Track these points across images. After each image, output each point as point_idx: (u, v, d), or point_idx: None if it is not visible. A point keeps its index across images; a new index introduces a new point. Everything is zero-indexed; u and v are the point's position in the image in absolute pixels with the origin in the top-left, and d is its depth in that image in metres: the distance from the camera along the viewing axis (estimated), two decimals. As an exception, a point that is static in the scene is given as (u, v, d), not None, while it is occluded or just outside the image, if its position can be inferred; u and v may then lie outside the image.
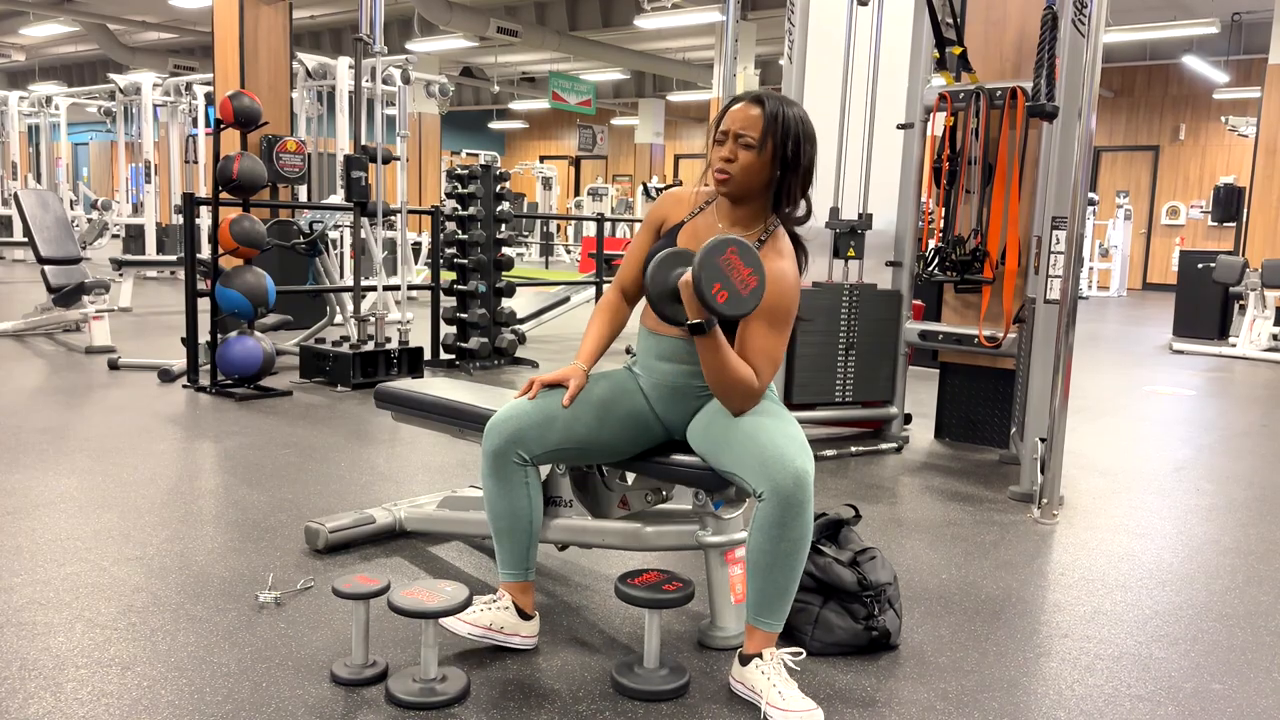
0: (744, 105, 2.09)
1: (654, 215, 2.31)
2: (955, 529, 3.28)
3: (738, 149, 2.07)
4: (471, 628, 2.15)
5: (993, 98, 4.13)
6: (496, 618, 2.18)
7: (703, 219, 2.21)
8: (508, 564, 2.22)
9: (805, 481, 1.95)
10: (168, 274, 12.57)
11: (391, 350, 5.64)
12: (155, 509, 3.18)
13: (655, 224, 2.30)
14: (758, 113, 2.06)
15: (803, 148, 2.09)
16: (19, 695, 1.96)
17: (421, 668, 2.00)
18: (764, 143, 2.06)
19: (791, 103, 2.10)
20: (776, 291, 2.07)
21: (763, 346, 2.08)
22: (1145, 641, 2.41)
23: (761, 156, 2.06)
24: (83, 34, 18.01)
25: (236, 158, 5.01)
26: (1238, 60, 14.67)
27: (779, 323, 2.09)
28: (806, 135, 2.10)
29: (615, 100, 22.42)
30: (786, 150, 2.07)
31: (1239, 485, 3.98)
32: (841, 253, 4.32)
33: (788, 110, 2.07)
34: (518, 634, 2.20)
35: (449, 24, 14.02)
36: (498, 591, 2.23)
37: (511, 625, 2.19)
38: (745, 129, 2.06)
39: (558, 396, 2.19)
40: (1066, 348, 3.44)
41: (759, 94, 2.09)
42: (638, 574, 2.11)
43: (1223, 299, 9.41)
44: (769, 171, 2.09)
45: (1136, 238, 16.52)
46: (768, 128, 2.05)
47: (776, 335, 2.09)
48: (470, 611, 2.17)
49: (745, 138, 2.06)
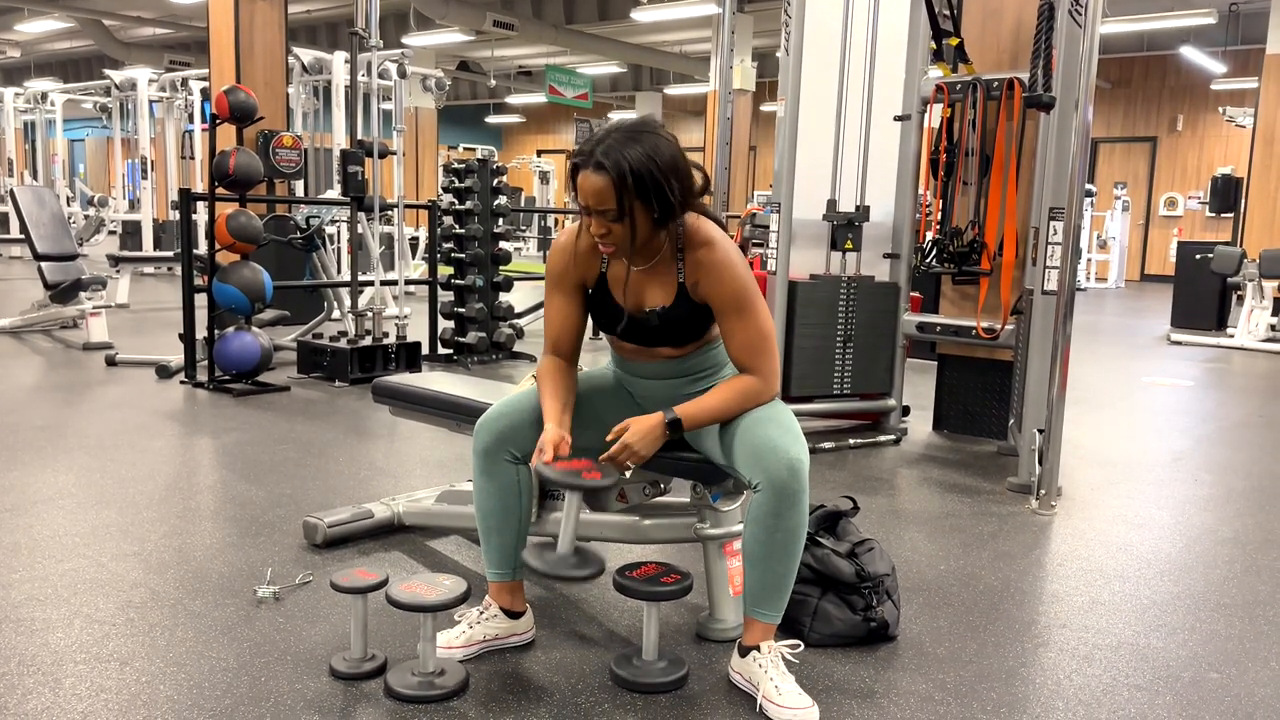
0: (587, 176, 1.93)
1: (562, 276, 2.16)
2: (953, 520, 3.28)
3: (605, 222, 1.96)
4: (467, 649, 2.14)
5: (990, 89, 4.12)
6: (488, 630, 2.17)
7: (615, 267, 2.12)
8: (497, 563, 2.20)
9: (800, 471, 1.95)
10: (165, 270, 12.54)
11: (389, 345, 5.64)
12: (153, 505, 3.18)
13: (569, 284, 2.16)
14: (604, 182, 1.91)
15: (662, 179, 1.93)
16: (18, 691, 1.96)
17: (420, 661, 2.00)
18: (624, 207, 1.93)
19: (631, 138, 1.93)
20: (727, 282, 2.02)
21: (748, 338, 2.05)
22: (1143, 631, 2.42)
23: (629, 217, 1.95)
24: (78, 30, 17.96)
25: (233, 153, 5.00)
26: (1235, 51, 14.65)
27: (746, 306, 2.04)
28: (666, 165, 1.93)
29: (612, 94, 22.38)
30: (649, 197, 1.93)
31: (1237, 475, 3.99)
32: (839, 245, 4.32)
33: (629, 157, 1.90)
34: (514, 634, 2.20)
35: (445, 18, 13.99)
36: (483, 600, 2.21)
37: (505, 630, 2.19)
38: (601, 203, 1.93)
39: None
40: (1064, 339, 3.44)
41: (596, 156, 1.92)
42: (636, 566, 2.11)
43: (1221, 290, 9.41)
44: (645, 219, 1.97)
45: (1134, 229, 16.51)
46: (620, 195, 1.91)
47: (753, 317, 2.05)
48: (459, 633, 2.15)
49: (606, 211, 1.94)
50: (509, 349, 6.42)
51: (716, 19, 14.13)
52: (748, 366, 2.07)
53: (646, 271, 2.10)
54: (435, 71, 13.48)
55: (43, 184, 14.77)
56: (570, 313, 2.19)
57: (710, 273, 2.03)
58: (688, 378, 2.19)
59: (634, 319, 2.12)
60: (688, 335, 2.13)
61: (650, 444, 2.04)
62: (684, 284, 2.07)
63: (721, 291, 2.03)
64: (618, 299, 2.13)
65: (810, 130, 4.25)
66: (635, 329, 2.14)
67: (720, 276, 2.03)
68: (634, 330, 2.14)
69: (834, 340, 4.34)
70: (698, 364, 2.18)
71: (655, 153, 1.93)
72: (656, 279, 2.09)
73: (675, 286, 2.07)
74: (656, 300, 2.10)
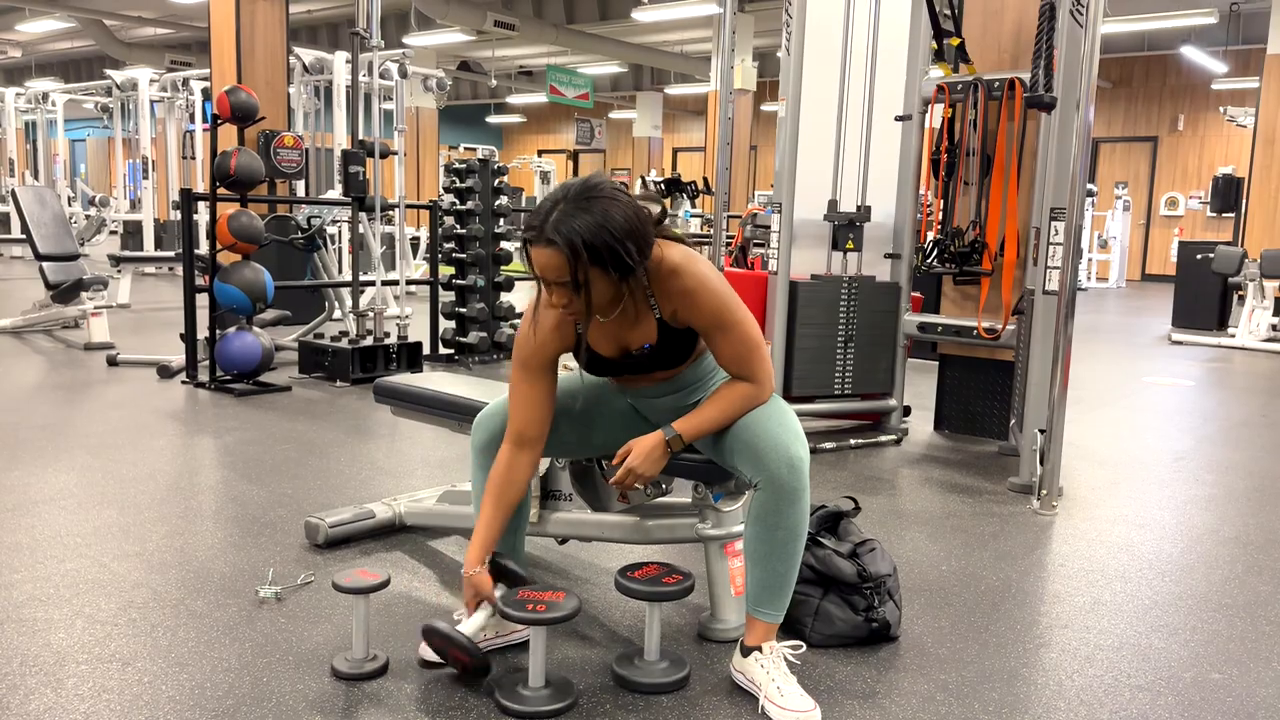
0: (539, 251, 1.86)
1: (529, 361, 2.06)
2: (955, 520, 3.28)
3: (565, 293, 1.89)
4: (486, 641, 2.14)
5: (991, 89, 4.12)
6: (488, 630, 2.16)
7: (593, 325, 2.05)
8: None
9: (800, 468, 1.95)
10: (166, 270, 12.55)
11: (390, 345, 5.64)
12: (155, 505, 3.18)
13: (538, 366, 2.06)
14: (557, 257, 1.84)
15: (616, 244, 1.84)
16: (19, 691, 1.96)
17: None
18: (579, 279, 1.86)
19: (580, 208, 1.84)
20: (704, 305, 1.98)
21: (736, 350, 2.02)
22: (1145, 632, 2.42)
23: (585, 288, 1.88)
24: (79, 30, 17.96)
25: (234, 153, 5.00)
26: (1236, 50, 14.64)
27: (728, 320, 2.00)
28: (613, 230, 1.84)
29: (613, 94, 22.38)
30: (605, 262, 1.85)
31: (1238, 475, 3.99)
32: (840, 245, 4.32)
33: (578, 229, 1.82)
34: (514, 630, 2.21)
35: (446, 18, 13.99)
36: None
37: (507, 626, 2.20)
38: (557, 277, 1.87)
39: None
40: (1065, 339, 3.44)
41: (546, 233, 1.84)
42: (638, 567, 2.11)
43: (1222, 289, 9.40)
44: (605, 282, 1.89)
45: (1135, 229, 16.51)
46: (574, 268, 1.84)
47: (738, 329, 2.01)
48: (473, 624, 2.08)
49: (563, 285, 1.88)
50: (510, 349, 6.42)
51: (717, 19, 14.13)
52: (741, 375, 2.05)
53: (620, 318, 2.03)
54: (436, 71, 13.47)
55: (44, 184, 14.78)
56: (537, 399, 2.07)
57: (684, 299, 1.99)
58: (685, 390, 2.18)
59: (624, 363, 2.10)
60: (679, 358, 2.11)
61: (653, 465, 2.04)
62: (662, 319, 2.02)
63: (700, 315, 2.00)
64: (603, 352, 2.09)
65: (811, 130, 4.25)
66: (627, 369, 2.12)
67: (695, 302, 1.98)
68: (626, 369, 2.13)
69: (835, 340, 4.34)
70: (692, 376, 2.17)
71: (606, 220, 1.84)
72: (634, 321, 2.04)
73: (654, 322, 2.03)
74: (640, 340, 2.06)
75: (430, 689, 2.01)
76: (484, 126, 25.80)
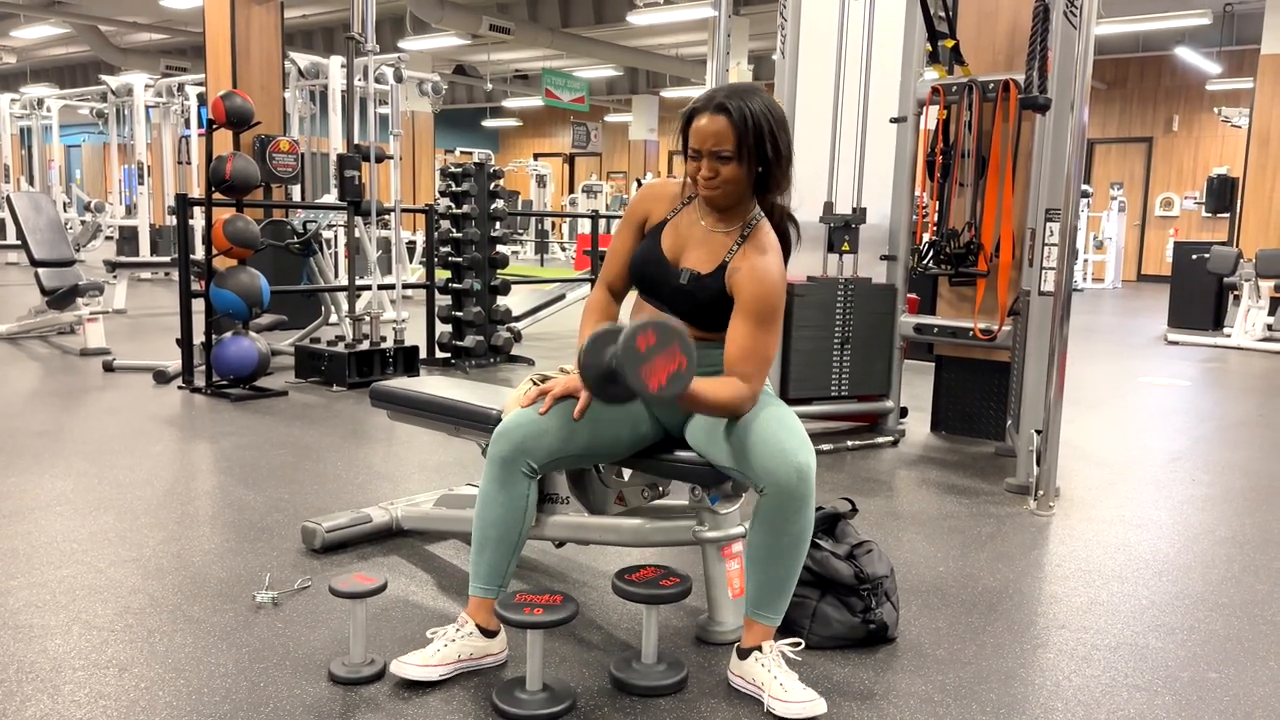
0: (708, 118, 2.00)
1: (636, 211, 2.25)
2: (952, 522, 3.28)
3: (716, 165, 2.02)
4: (442, 668, 2.03)
5: (985, 90, 4.13)
6: (463, 648, 2.07)
7: (685, 216, 2.18)
8: (484, 577, 2.10)
9: (808, 476, 1.95)
10: (162, 275, 12.53)
11: (387, 349, 5.64)
12: (151, 510, 3.18)
13: (638, 220, 2.24)
14: (725, 123, 1.99)
15: (779, 137, 2.03)
16: (16, 698, 1.96)
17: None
18: (740, 152, 2.00)
19: (751, 92, 2.03)
20: (762, 288, 2.04)
21: (752, 348, 2.03)
22: (1142, 632, 2.42)
23: (741, 165, 2.02)
24: (74, 35, 17.96)
25: (229, 158, 5.00)
26: (1230, 51, 14.68)
27: (766, 320, 2.05)
28: (778, 122, 2.03)
29: (609, 97, 22.38)
30: (765, 149, 2.02)
31: (1235, 475, 3.99)
32: (836, 247, 4.32)
33: (752, 106, 1.99)
34: (489, 654, 2.11)
35: (441, 22, 13.99)
36: (457, 619, 2.12)
37: (480, 649, 2.09)
38: (719, 144, 2.00)
39: (565, 405, 2.10)
40: (1061, 340, 3.44)
41: (719, 100, 2.00)
42: (635, 570, 2.11)
43: (1217, 290, 9.42)
44: (751, 173, 2.06)
45: (1130, 229, 16.52)
46: (740, 136, 1.99)
47: (765, 333, 2.04)
48: (433, 651, 2.05)
49: (721, 152, 2.00)
50: (507, 352, 6.42)
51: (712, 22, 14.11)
52: (740, 372, 2.02)
53: (708, 232, 2.13)
54: (431, 75, 13.47)
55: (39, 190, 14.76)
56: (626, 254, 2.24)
57: (753, 271, 2.05)
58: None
59: (665, 280, 2.14)
60: (705, 315, 2.11)
61: None
62: (728, 263, 2.09)
63: (752, 291, 2.03)
64: (665, 248, 2.16)
65: (806, 132, 4.26)
66: (665, 292, 2.15)
67: (759, 279, 2.04)
68: (664, 291, 2.15)
69: (831, 342, 4.34)
70: (706, 361, 2.06)
71: (771, 107, 2.02)
72: (709, 245, 2.12)
73: (720, 261, 2.10)
74: (697, 261, 2.12)
75: (427, 693, 2.01)
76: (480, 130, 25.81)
